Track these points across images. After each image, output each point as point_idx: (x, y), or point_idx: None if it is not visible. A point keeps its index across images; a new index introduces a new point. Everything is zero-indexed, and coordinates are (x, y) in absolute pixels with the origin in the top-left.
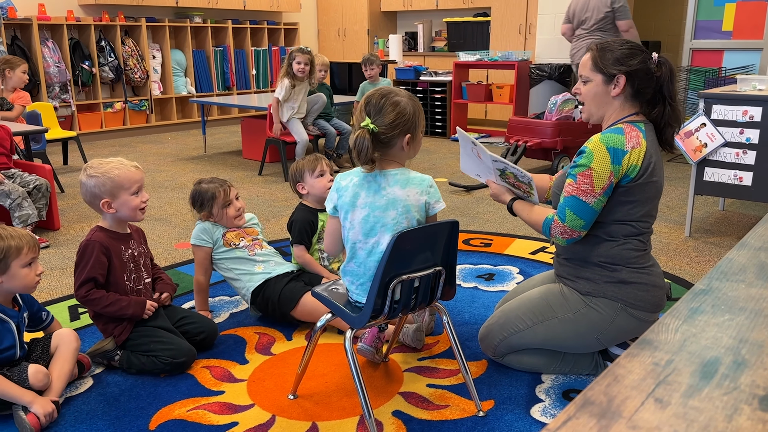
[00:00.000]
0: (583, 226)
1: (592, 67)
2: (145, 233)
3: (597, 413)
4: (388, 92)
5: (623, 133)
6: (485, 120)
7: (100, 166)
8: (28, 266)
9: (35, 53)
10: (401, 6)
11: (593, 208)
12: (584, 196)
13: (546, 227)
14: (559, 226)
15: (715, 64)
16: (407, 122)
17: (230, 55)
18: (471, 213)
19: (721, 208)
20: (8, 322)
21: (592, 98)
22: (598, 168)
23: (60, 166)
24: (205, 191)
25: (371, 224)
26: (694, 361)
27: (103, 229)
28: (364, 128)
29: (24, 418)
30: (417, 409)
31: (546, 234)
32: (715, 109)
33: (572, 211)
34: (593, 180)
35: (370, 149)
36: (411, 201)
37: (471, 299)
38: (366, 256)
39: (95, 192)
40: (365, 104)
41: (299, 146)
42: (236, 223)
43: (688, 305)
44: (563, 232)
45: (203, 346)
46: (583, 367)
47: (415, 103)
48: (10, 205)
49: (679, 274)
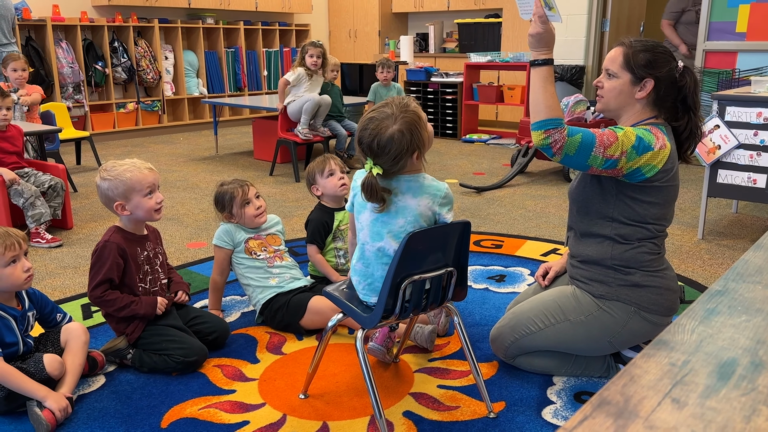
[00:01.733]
0: (567, 157)
1: (623, 64)
2: (160, 233)
3: (614, 413)
4: (377, 125)
5: (651, 133)
6: (496, 121)
7: (113, 168)
8: (10, 265)
9: (49, 54)
10: (412, 7)
11: (590, 158)
12: (598, 143)
13: (550, 123)
14: (561, 133)
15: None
16: (409, 145)
17: (242, 56)
18: (482, 214)
19: (734, 211)
20: (8, 319)
21: (615, 95)
22: (621, 139)
23: (73, 165)
24: (224, 192)
25: (378, 228)
26: (711, 362)
27: (120, 229)
28: (370, 173)
29: (39, 414)
30: (428, 409)
31: (541, 126)
32: (728, 110)
33: (581, 140)
34: (613, 142)
35: (379, 190)
36: (421, 210)
37: (482, 300)
38: (373, 258)
39: (108, 195)
40: (359, 145)
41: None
42: (257, 222)
43: (705, 306)
44: (558, 140)
45: (215, 346)
46: (594, 370)
47: (408, 120)
48: (24, 204)
49: (692, 277)
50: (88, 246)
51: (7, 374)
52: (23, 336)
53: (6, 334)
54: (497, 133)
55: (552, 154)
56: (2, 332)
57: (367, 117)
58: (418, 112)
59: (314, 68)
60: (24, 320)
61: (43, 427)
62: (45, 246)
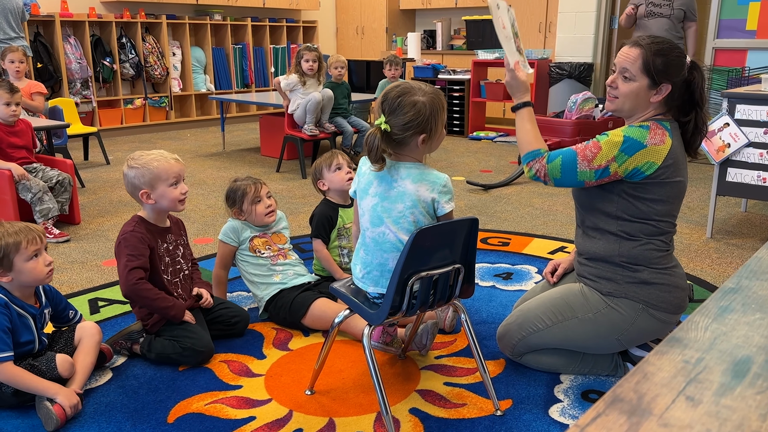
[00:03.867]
0: (556, 180)
1: (641, 67)
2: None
3: (627, 410)
4: (407, 90)
5: (648, 129)
6: (503, 119)
7: (141, 157)
8: (33, 259)
9: (57, 50)
10: (420, 4)
11: (578, 175)
12: (581, 159)
13: (530, 155)
14: (540, 162)
15: (738, 64)
16: (422, 122)
17: (249, 52)
18: (489, 212)
19: (743, 210)
20: (26, 317)
21: (632, 98)
22: (605, 146)
23: (81, 161)
24: (237, 188)
25: (378, 213)
26: (726, 360)
27: (142, 220)
28: (377, 127)
29: (50, 408)
30: (434, 407)
31: (524, 160)
32: (738, 108)
33: (561, 162)
34: (597, 153)
35: (380, 149)
36: (420, 196)
37: (489, 298)
38: (374, 245)
39: (135, 183)
40: (382, 101)
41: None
42: (266, 220)
43: (718, 303)
44: (539, 169)
45: (235, 333)
46: (602, 368)
47: (434, 101)
48: (32, 199)
49: (701, 276)
50: (95, 241)
51: (18, 377)
52: (39, 334)
53: (23, 333)
54: (504, 131)
55: (544, 182)
56: (20, 331)
57: (400, 82)
58: (444, 104)
59: (311, 73)
60: (41, 318)
61: (53, 422)
62: (53, 241)
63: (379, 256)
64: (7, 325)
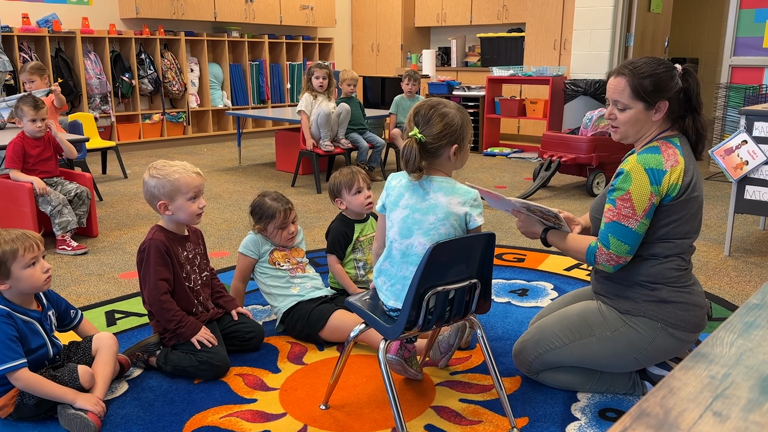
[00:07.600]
0: (628, 251)
1: (631, 95)
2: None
3: (654, 425)
4: (437, 103)
5: (660, 152)
6: (517, 135)
7: (163, 167)
8: (30, 266)
9: (78, 65)
10: (435, 21)
11: (636, 232)
12: (626, 221)
13: (590, 255)
14: (604, 253)
15: (755, 81)
16: (454, 133)
17: (266, 69)
18: (504, 227)
19: (761, 228)
20: (32, 323)
21: (632, 125)
22: (636, 191)
23: (99, 175)
24: (267, 208)
25: (409, 225)
26: (753, 375)
27: (162, 228)
28: (412, 137)
29: (85, 416)
30: (449, 423)
31: (591, 262)
32: (756, 125)
33: (615, 237)
34: (633, 203)
35: (418, 158)
36: (452, 209)
37: (504, 314)
38: (400, 257)
39: (154, 192)
40: (414, 114)
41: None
42: (287, 244)
43: (743, 319)
44: (609, 259)
45: (250, 348)
46: (620, 386)
47: (463, 114)
48: (51, 212)
49: (719, 294)
50: (112, 254)
51: (37, 384)
52: (50, 337)
53: (33, 339)
54: (519, 147)
55: (622, 263)
56: (29, 337)
57: (428, 99)
58: (470, 120)
59: (321, 90)
60: (47, 320)
61: (90, 428)
62: (71, 253)
63: (404, 269)
64: (14, 334)
